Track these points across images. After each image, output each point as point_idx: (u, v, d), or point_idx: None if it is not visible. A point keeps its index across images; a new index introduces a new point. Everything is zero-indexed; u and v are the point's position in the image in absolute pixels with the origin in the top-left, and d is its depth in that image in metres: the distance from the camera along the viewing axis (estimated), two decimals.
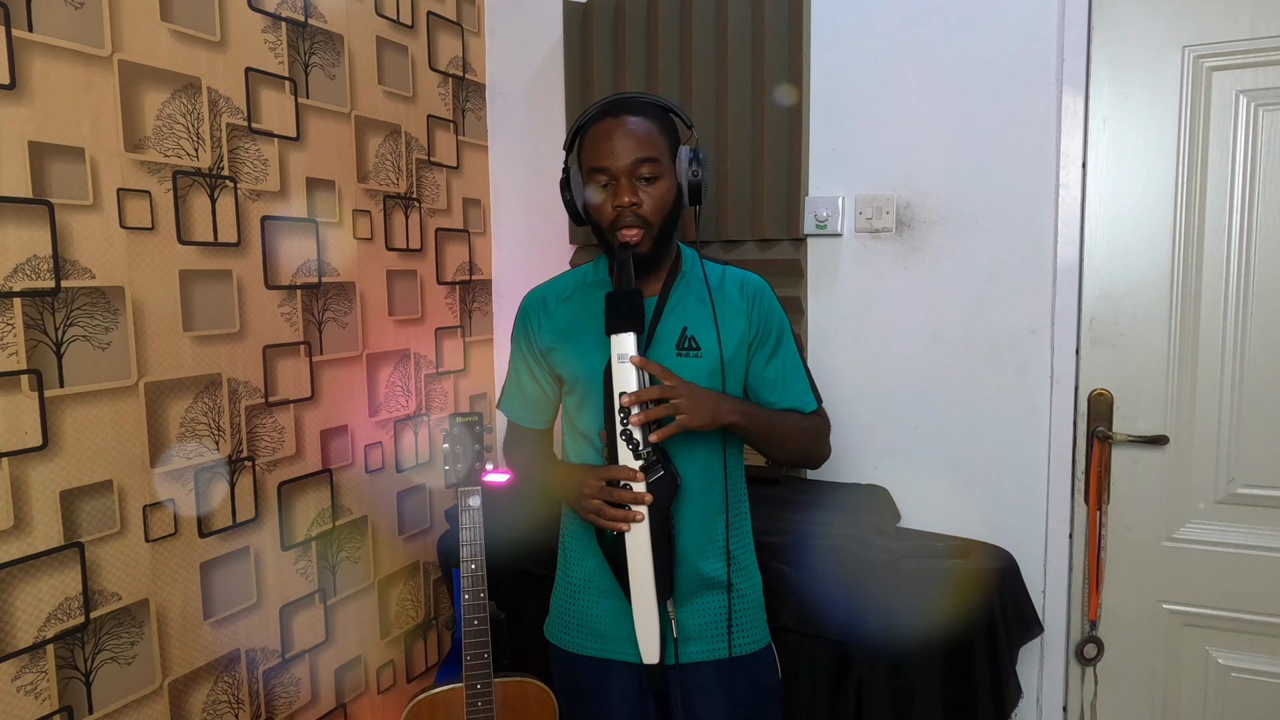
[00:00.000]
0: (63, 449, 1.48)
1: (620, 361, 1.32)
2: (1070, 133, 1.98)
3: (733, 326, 1.45)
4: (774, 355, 1.49)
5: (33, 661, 1.45)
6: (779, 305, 1.52)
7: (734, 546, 1.49)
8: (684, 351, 1.43)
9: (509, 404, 1.63)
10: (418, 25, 2.32)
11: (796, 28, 2.12)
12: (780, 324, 1.50)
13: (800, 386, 1.51)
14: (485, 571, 1.78)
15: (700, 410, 1.32)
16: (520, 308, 1.59)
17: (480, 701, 1.74)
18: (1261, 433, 1.90)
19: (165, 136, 1.64)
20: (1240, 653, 1.96)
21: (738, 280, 1.49)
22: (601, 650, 1.50)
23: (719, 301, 1.45)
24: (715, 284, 1.47)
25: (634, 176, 1.35)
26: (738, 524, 1.51)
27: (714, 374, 1.42)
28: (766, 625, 1.54)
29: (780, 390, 1.50)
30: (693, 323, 1.44)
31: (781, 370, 1.49)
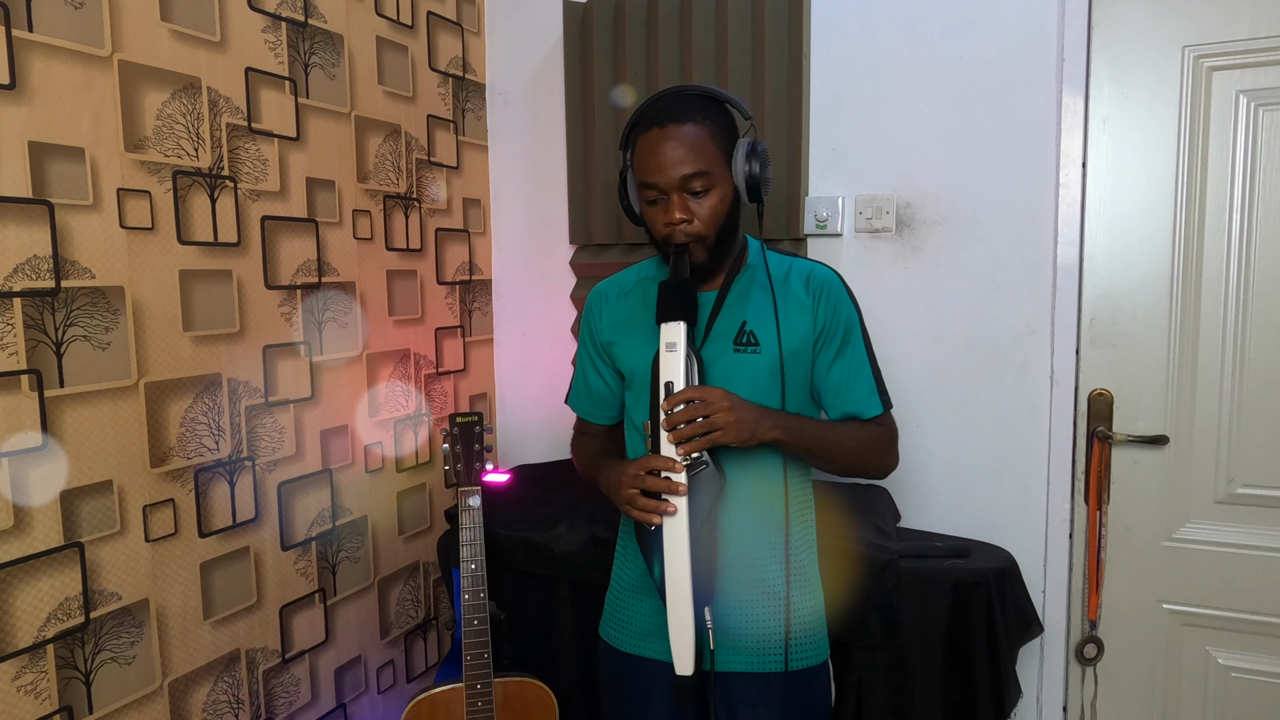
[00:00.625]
0: (63, 449, 1.48)
1: (669, 350, 1.28)
2: (1070, 133, 1.98)
3: (796, 322, 1.39)
4: (840, 355, 1.42)
5: (33, 661, 1.45)
6: (850, 300, 1.44)
7: (795, 556, 1.42)
8: (741, 347, 1.38)
9: (576, 399, 1.62)
10: (418, 25, 2.32)
11: (796, 28, 2.12)
12: (848, 321, 1.43)
13: (864, 390, 1.43)
14: (485, 571, 1.79)
15: (738, 427, 1.26)
16: (586, 302, 1.57)
17: (480, 701, 1.74)
18: (1261, 433, 1.90)
19: (165, 136, 1.64)
20: (1240, 653, 1.96)
21: (804, 273, 1.43)
22: (646, 650, 1.46)
23: (781, 296, 1.40)
24: (780, 277, 1.42)
25: (684, 191, 1.31)
26: (800, 533, 1.44)
27: (773, 371, 1.37)
28: (826, 641, 1.47)
29: (842, 394, 1.43)
30: (753, 318, 1.39)
31: (846, 371, 1.42)
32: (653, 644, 1.45)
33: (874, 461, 1.47)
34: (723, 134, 1.34)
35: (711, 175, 1.32)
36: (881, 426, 1.46)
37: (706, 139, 1.32)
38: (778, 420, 1.32)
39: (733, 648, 1.39)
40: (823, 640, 1.47)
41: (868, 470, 1.49)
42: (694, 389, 1.27)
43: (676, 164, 1.30)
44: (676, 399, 1.26)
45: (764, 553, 1.40)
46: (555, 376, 2.60)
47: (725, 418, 1.26)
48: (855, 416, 1.44)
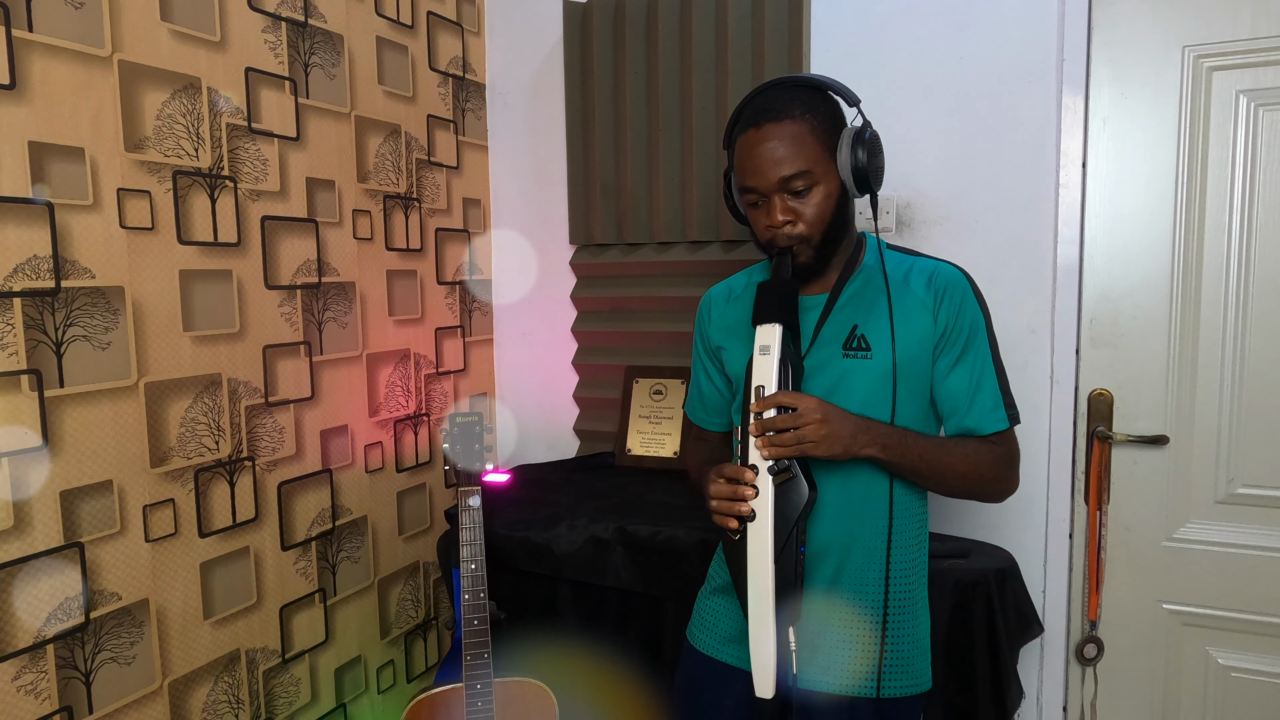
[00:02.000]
0: (63, 449, 1.48)
1: (761, 354, 1.22)
2: (1070, 133, 1.98)
3: (913, 326, 1.30)
4: (959, 362, 1.31)
5: (33, 661, 1.45)
6: (976, 304, 1.33)
7: (896, 577, 1.33)
8: (851, 352, 1.30)
9: (690, 404, 1.58)
10: (418, 25, 2.32)
11: (796, 28, 2.12)
12: (973, 326, 1.31)
13: (985, 403, 1.31)
14: (485, 571, 1.79)
15: (831, 440, 1.19)
16: (698, 308, 1.51)
17: (480, 701, 1.74)
18: (1261, 433, 1.90)
19: (165, 136, 1.64)
20: (1240, 653, 1.96)
21: (927, 273, 1.33)
22: (728, 656, 1.40)
23: (898, 297, 1.30)
24: (898, 278, 1.33)
25: (785, 192, 1.25)
26: (905, 554, 1.34)
27: (884, 377, 1.28)
28: (927, 672, 1.37)
29: (959, 405, 1.32)
30: (865, 321, 1.31)
31: (965, 381, 1.31)
32: (735, 650, 1.39)
33: (988, 486, 1.34)
34: (825, 126, 1.27)
35: (813, 173, 1.25)
36: (1001, 446, 1.33)
37: (806, 134, 1.25)
38: (877, 436, 1.23)
39: (821, 667, 1.32)
40: (922, 670, 1.36)
41: (982, 494, 1.36)
42: (786, 394, 1.20)
43: (774, 165, 1.24)
44: (766, 404, 1.19)
45: (863, 571, 1.32)
46: (555, 376, 2.60)
47: (817, 430, 1.18)
48: (973, 432, 1.32)
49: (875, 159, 1.28)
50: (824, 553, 1.31)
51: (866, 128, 1.27)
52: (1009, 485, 1.36)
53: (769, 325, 1.23)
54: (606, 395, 2.49)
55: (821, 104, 1.29)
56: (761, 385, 1.21)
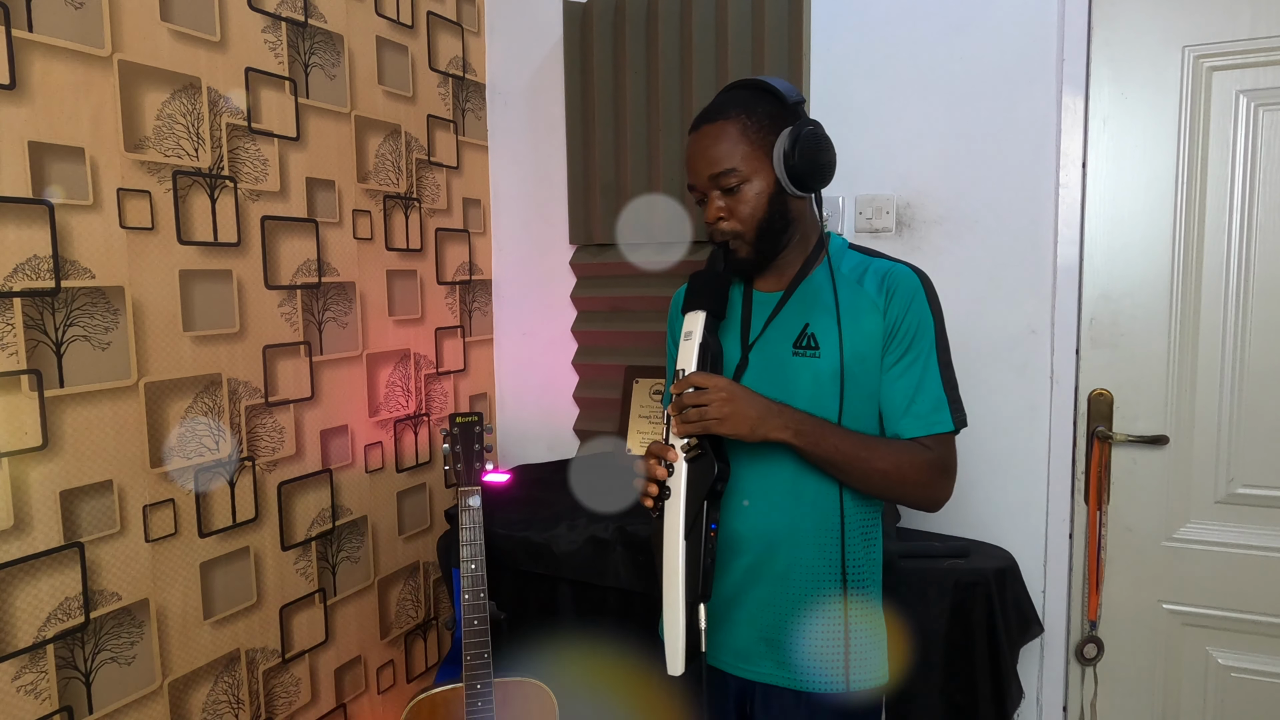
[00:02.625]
0: (63, 449, 1.48)
1: (685, 339, 1.27)
2: (1070, 133, 1.98)
3: (863, 326, 1.31)
4: (901, 362, 1.31)
5: (33, 661, 1.45)
6: (928, 306, 1.33)
7: (853, 571, 1.34)
8: (801, 350, 1.32)
9: (667, 397, 1.58)
10: (418, 25, 2.32)
11: (796, 28, 2.12)
12: (920, 327, 1.32)
13: (924, 406, 1.31)
14: (485, 571, 1.79)
15: (737, 419, 1.21)
16: (670, 306, 1.56)
17: (480, 701, 1.74)
18: (1261, 433, 1.90)
19: (165, 136, 1.64)
20: (1240, 653, 1.96)
21: (881, 273, 1.34)
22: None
23: (849, 297, 1.32)
24: (853, 278, 1.34)
25: (717, 189, 1.31)
26: (857, 548, 1.35)
27: (833, 377, 1.30)
28: (885, 664, 1.37)
29: (898, 406, 1.31)
30: (817, 319, 1.32)
31: (906, 383, 1.31)
32: None
33: (914, 490, 1.32)
34: (761, 125, 1.29)
35: (740, 171, 1.28)
36: (934, 451, 1.31)
37: (737, 134, 1.29)
38: (789, 421, 1.24)
39: (779, 662, 1.34)
40: (881, 663, 1.37)
41: (906, 498, 1.34)
42: (699, 375, 1.24)
43: (706, 164, 1.30)
44: (682, 384, 1.24)
45: (818, 566, 1.33)
46: (555, 376, 2.60)
47: (720, 408, 1.21)
48: (905, 433, 1.32)
49: (816, 156, 1.28)
50: (773, 545, 1.33)
51: (803, 127, 1.28)
52: (939, 493, 1.34)
53: (694, 312, 1.29)
54: (606, 395, 2.49)
55: (761, 104, 1.31)
56: (683, 368, 1.26)
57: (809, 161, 1.27)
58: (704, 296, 1.29)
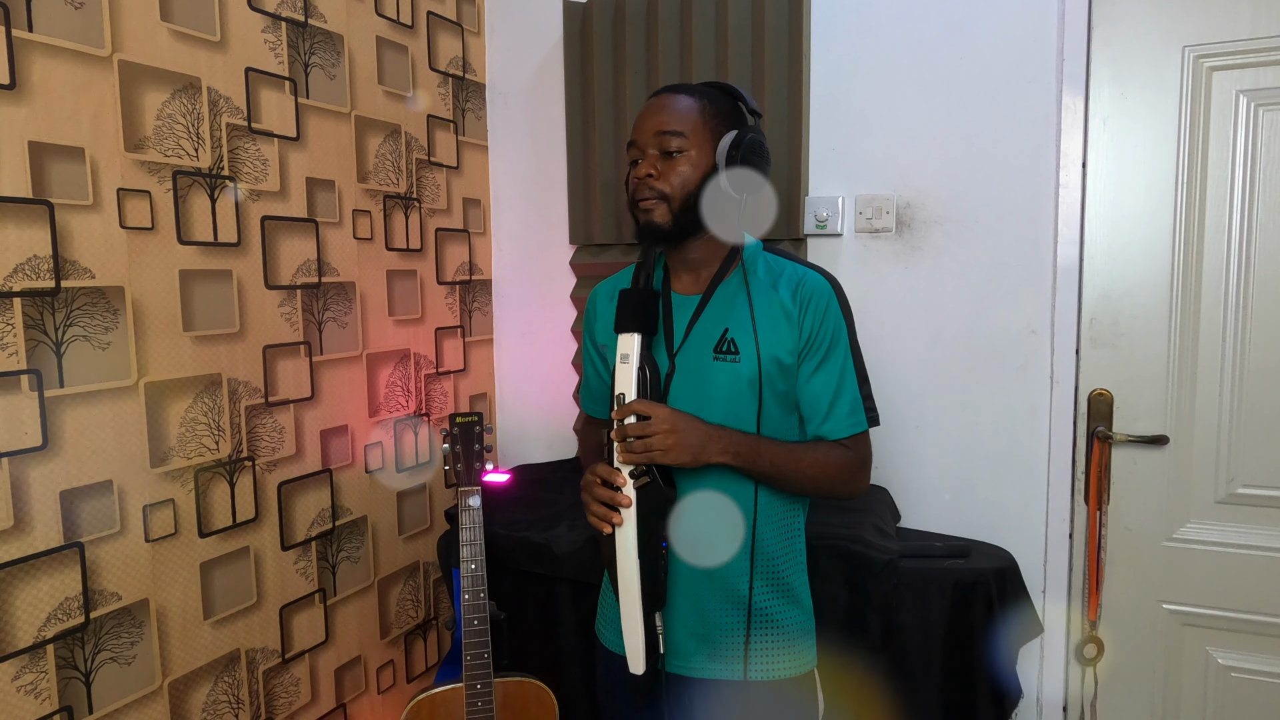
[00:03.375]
0: (63, 449, 1.48)
1: (622, 363, 1.28)
2: (1070, 133, 1.98)
3: (778, 332, 1.34)
4: (819, 369, 1.36)
5: (33, 661, 1.45)
6: (840, 312, 1.37)
7: (766, 566, 1.39)
8: (721, 355, 1.34)
9: (582, 393, 1.63)
10: (418, 25, 2.32)
11: (796, 28, 2.12)
12: (834, 334, 1.36)
13: (843, 409, 1.36)
14: (485, 571, 1.78)
15: (679, 449, 1.25)
16: (586, 303, 1.57)
17: (480, 701, 1.74)
18: (1261, 433, 1.90)
19: (165, 136, 1.64)
20: (1240, 653, 1.96)
21: (795, 280, 1.37)
22: (618, 645, 1.45)
23: (764, 303, 1.35)
24: (768, 283, 1.37)
25: (659, 149, 1.31)
26: (775, 543, 1.39)
27: (752, 382, 1.33)
28: (810, 653, 1.43)
29: (819, 410, 1.36)
30: (735, 325, 1.35)
31: (825, 386, 1.36)
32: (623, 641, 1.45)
33: (838, 489, 1.40)
34: (717, 115, 1.33)
35: (687, 139, 1.31)
36: (851, 451, 1.38)
37: (694, 109, 1.33)
38: (728, 444, 1.29)
39: (693, 652, 1.39)
40: (805, 653, 1.42)
41: (831, 495, 1.42)
42: (641, 403, 1.26)
43: (656, 121, 1.32)
44: (624, 411, 1.27)
45: (732, 562, 1.37)
46: (555, 376, 2.60)
47: (664, 440, 1.25)
48: (828, 436, 1.37)
49: (756, 158, 1.32)
50: (692, 545, 1.35)
51: (753, 132, 1.32)
52: (859, 486, 1.42)
53: (628, 335, 1.29)
54: None
55: (723, 100, 1.35)
56: (622, 393, 1.28)
57: (749, 158, 1.31)
58: (638, 317, 1.29)
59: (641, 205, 1.33)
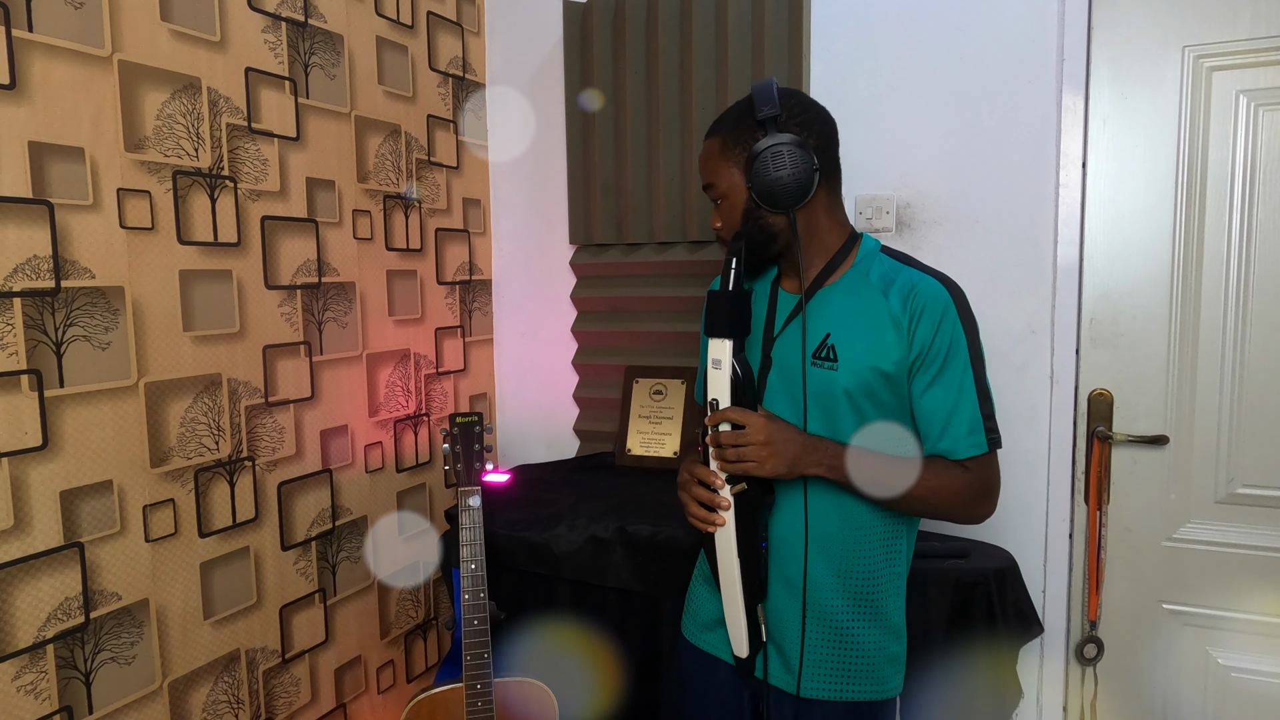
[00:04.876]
0: (63, 449, 1.48)
1: (714, 368, 1.26)
2: (1070, 133, 1.98)
3: (882, 341, 1.27)
4: (935, 383, 1.28)
5: (33, 661, 1.45)
6: (958, 320, 1.28)
7: (860, 587, 1.34)
8: (819, 361, 1.29)
9: (697, 388, 1.57)
10: (418, 25, 2.32)
11: (796, 28, 2.12)
12: (951, 346, 1.27)
13: (961, 428, 1.28)
14: (485, 571, 1.78)
15: (774, 460, 1.22)
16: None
17: (480, 701, 1.74)
18: (1261, 433, 1.90)
19: (165, 136, 1.64)
20: (1240, 653, 1.96)
21: (908, 287, 1.28)
22: (703, 642, 1.47)
23: (871, 309, 1.29)
24: (879, 287, 1.30)
25: (713, 199, 1.37)
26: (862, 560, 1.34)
27: (850, 392, 1.28)
28: (890, 681, 1.37)
29: (934, 428, 1.29)
30: (838, 329, 1.29)
31: (941, 403, 1.28)
32: (711, 637, 1.46)
33: (955, 511, 1.32)
34: (734, 143, 1.30)
35: (717, 187, 1.34)
36: (973, 472, 1.30)
37: (716, 152, 1.34)
38: (824, 456, 1.25)
39: (788, 668, 1.36)
40: (886, 679, 1.36)
41: (949, 518, 1.34)
42: (735, 412, 1.24)
43: (702, 176, 1.38)
44: (717, 418, 1.25)
45: (832, 578, 1.33)
46: (555, 376, 2.60)
47: (759, 451, 1.22)
48: (946, 455, 1.30)
49: (767, 176, 1.26)
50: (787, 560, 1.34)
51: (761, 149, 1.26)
52: (982, 511, 1.34)
53: (719, 340, 1.26)
54: (606, 395, 2.49)
55: (736, 121, 1.32)
56: (715, 399, 1.26)
57: (764, 182, 1.26)
58: (729, 323, 1.25)
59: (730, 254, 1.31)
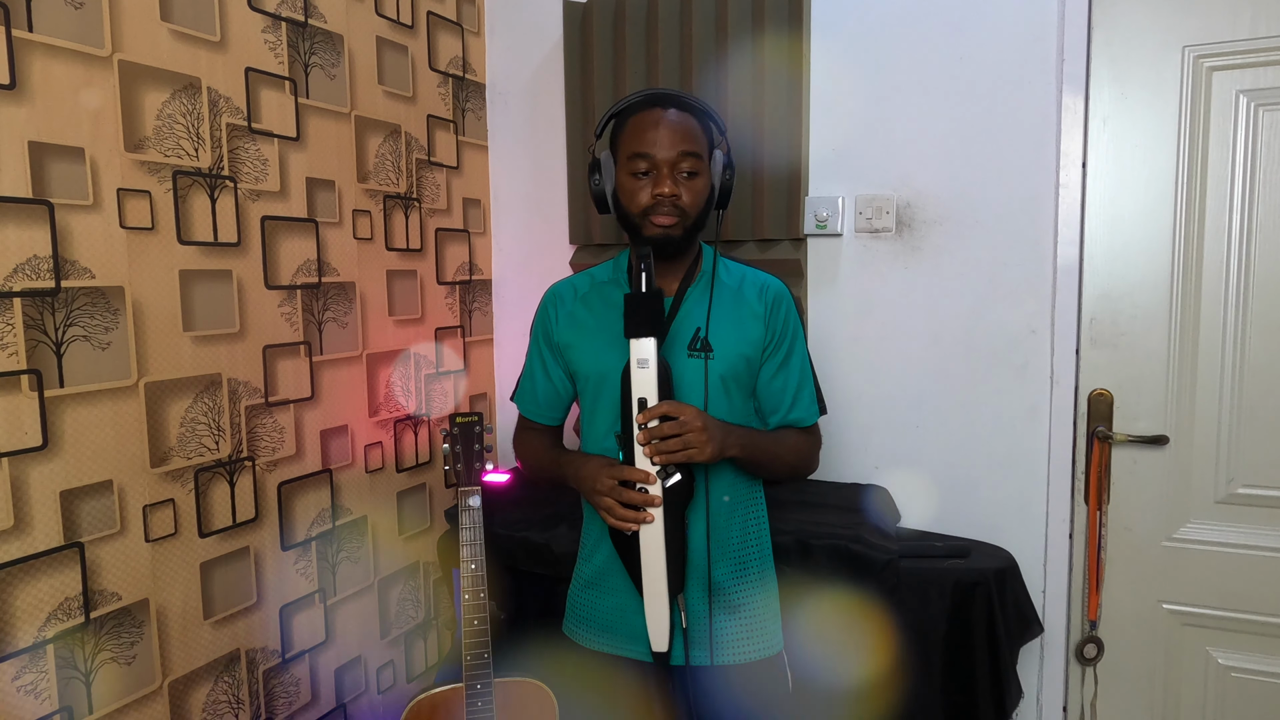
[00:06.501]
0: (63, 449, 1.48)
1: (640, 367, 1.31)
2: (1070, 133, 1.98)
3: (748, 331, 1.44)
4: (784, 365, 1.47)
5: (33, 661, 1.45)
6: (796, 312, 1.50)
7: (743, 554, 1.47)
8: (695, 353, 1.41)
9: (522, 398, 1.63)
10: (418, 25, 2.32)
11: (796, 28, 2.12)
12: (795, 332, 1.48)
13: (806, 400, 1.49)
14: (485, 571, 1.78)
15: (712, 445, 1.31)
16: (540, 302, 1.58)
17: (480, 701, 1.74)
18: (1261, 433, 1.90)
19: (165, 136, 1.64)
20: (1240, 653, 1.96)
21: (758, 284, 1.47)
22: (610, 646, 1.50)
23: (735, 305, 1.44)
24: (734, 286, 1.46)
25: (676, 168, 1.36)
26: (753, 532, 1.49)
27: (724, 379, 1.41)
28: (776, 635, 1.51)
29: (784, 402, 1.48)
30: (706, 324, 1.42)
31: (788, 381, 1.47)
32: (616, 641, 1.49)
33: (804, 470, 1.53)
34: (708, 134, 1.41)
35: (702, 160, 1.38)
36: (814, 435, 1.53)
37: (699, 130, 1.39)
38: (738, 438, 1.37)
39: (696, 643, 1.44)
40: (774, 633, 1.50)
41: (796, 477, 1.54)
42: (670, 405, 1.31)
43: (675, 141, 1.35)
44: (651, 413, 1.30)
45: (717, 551, 1.44)
46: None
47: (699, 437, 1.30)
48: (797, 424, 1.49)
49: (727, 177, 1.43)
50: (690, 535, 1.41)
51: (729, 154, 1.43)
52: (814, 466, 1.55)
53: (644, 339, 1.31)
54: None
55: (704, 120, 1.42)
56: (644, 397, 1.31)
57: (726, 180, 1.42)
58: (651, 322, 1.31)
59: (658, 221, 1.37)
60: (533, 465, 1.64)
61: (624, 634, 1.47)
